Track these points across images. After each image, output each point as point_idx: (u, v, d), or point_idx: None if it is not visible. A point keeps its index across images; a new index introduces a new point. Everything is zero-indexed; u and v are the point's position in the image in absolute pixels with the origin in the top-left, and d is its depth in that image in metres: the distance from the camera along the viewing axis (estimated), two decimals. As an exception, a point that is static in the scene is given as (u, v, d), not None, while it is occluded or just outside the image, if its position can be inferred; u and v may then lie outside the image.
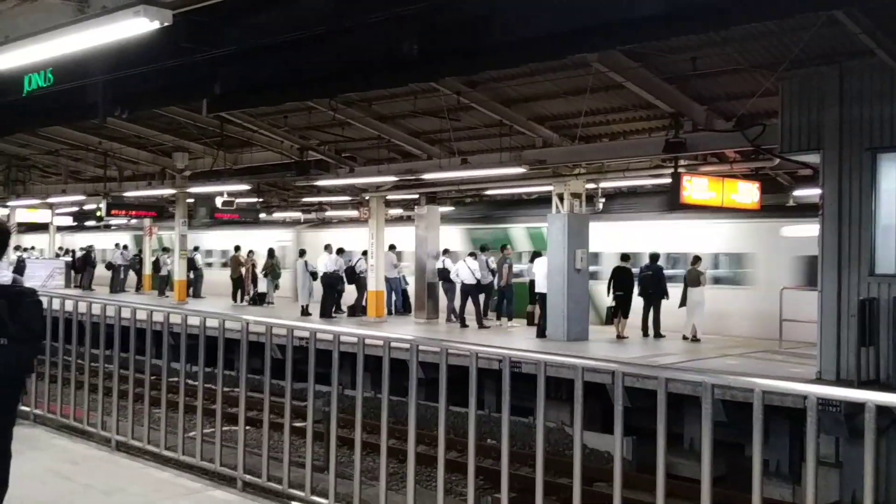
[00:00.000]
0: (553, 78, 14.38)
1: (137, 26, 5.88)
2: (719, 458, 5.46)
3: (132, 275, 32.31)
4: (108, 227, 36.66)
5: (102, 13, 5.99)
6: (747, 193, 16.04)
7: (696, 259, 18.08)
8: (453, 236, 23.92)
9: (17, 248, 32.54)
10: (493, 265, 20.57)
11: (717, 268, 20.02)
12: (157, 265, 29.96)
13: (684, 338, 17.58)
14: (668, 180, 15.88)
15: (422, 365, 6.03)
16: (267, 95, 12.81)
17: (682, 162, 15.76)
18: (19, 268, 28.65)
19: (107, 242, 35.83)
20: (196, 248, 30.13)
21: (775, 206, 19.48)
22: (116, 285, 31.28)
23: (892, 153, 11.79)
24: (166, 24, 5.74)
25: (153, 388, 9.03)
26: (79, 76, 10.36)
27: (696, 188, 14.83)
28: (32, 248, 40.89)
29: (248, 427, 7.23)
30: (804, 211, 17.28)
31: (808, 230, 16.73)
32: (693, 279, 17.66)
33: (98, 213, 26.16)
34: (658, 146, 14.83)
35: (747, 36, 11.62)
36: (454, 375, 5.57)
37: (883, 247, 11.81)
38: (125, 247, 33.18)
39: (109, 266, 32.10)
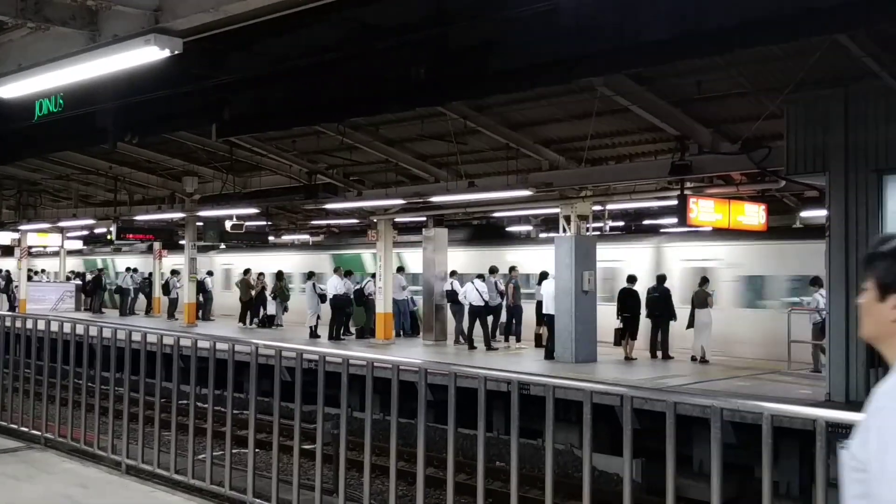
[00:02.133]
0: (559, 102, 14.48)
1: (148, 55, 5.96)
2: (729, 480, 5.48)
3: (142, 297, 32.44)
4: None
5: (114, 42, 6.08)
6: (754, 215, 16.08)
7: (704, 280, 18.10)
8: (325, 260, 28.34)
9: None
10: (502, 286, 20.61)
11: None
12: (166, 288, 30.08)
13: (693, 359, 17.56)
14: (675, 202, 15.93)
15: (430, 387, 6.08)
16: (276, 120, 12.97)
17: (688, 184, 15.81)
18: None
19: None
20: (210, 273, 30.26)
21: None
22: (126, 308, 31.40)
23: (899, 175, 11.84)
24: (177, 52, 5.83)
25: (163, 411, 9.08)
26: (89, 102, 10.50)
27: (702, 210, 14.88)
28: (43, 270, 41.10)
29: (257, 450, 7.28)
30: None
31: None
32: (700, 300, 17.67)
33: (108, 237, 26.31)
34: (664, 168, 14.89)
35: (752, 60, 11.70)
36: (463, 397, 5.62)
37: (890, 268, 11.81)
38: (135, 270, 33.33)
39: (119, 290, 32.25)
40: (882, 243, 2.09)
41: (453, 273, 21.92)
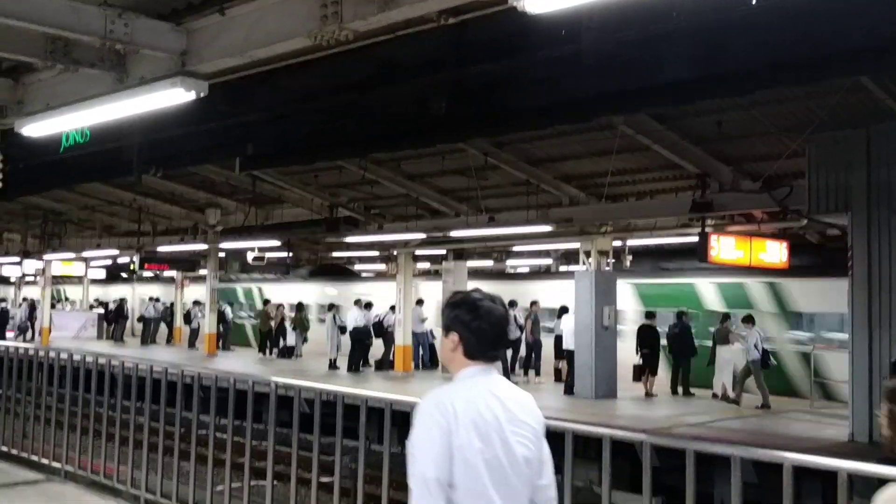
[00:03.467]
0: (579, 139, 14.56)
1: (175, 97, 6.08)
2: (749, 522, 5.44)
3: (163, 327, 32.65)
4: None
5: (140, 83, 6.21)
6: (775, 252, 16.01)
7: (726, 317, 17.99)
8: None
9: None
10: (521, 321, 20.57)
11: None
12: (188, 317, 30.27)
13: (714, 396, 17.41)
14: (696, 238, 15.91)
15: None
16: (298, 156, 13.12)
17: (709, 221, 15.78)
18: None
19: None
20: (231, 303, 30.46)
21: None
22: (148, 337, 31.60)
23: (920, 215, 11.78)
24: (203, 94, 5.94)
25: (182, 441, 9.12)
26: (115, 136, 10.68)
27: (723, 247, 14.84)
28: (67, 299, 41.56)
29: (275, 482, 7.30)
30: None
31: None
32: (722, 337, 17.55)
33: (132, 267, 26.56)
34: (685, 206, 14.89)
35: (772, 100, 11.74)
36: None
37: (913, 308, 11.73)
38: (157, 299, 33.58)
39: (141, 318, 32.47)
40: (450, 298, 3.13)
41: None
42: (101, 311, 35.70)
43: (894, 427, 2.38)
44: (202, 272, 29.06)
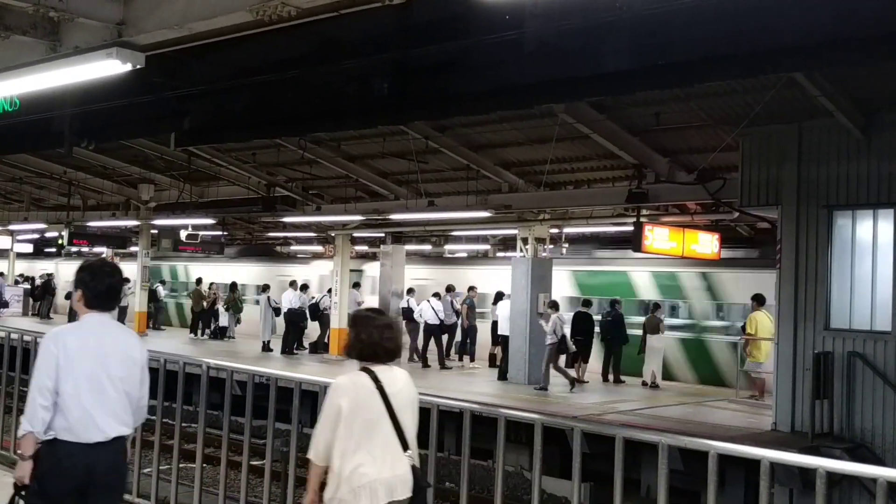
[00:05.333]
0: (520, 126, 14.61)
1: (109, 68, 5.90)
2: (675, 507, 5.56)
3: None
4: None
5: (74, 53, 6.01)
6: (707, 244, 16.33)
7: (656, 306, 18.33)
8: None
9: None
10: (458, 306, 20.64)
11: None
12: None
13: (644, 384, 17.73)
14: (630, 227, 16.14)
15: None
16: (236, 132, 12.88)
17: (644, 211, 16.02)
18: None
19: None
20: (163, 281, 29.91)
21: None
22: (75, 315, 30.82)
23: (848, 211, 12.11)
24: (139, 66, 5.78)
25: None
26: (46, 107, 10.34)
27: (657, 237, 15.08)
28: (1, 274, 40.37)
29: (204, 465, 7.19)
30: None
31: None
32: (652, 326, 17.87)
33: (60, 242, 25.89)
34: (621, 195, 15.09)
35: (710, 93, 11.93)
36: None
37: (837, 302, 12.07)
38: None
39: (69, 296, 31.65)
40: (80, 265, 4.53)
41: (410, 291, 21.91)
42: (27, 286, 34.73)
43: None
44: (133, 249, 28.47)
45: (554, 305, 17.17)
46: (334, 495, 3.92)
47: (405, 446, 4.01)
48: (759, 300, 15.73)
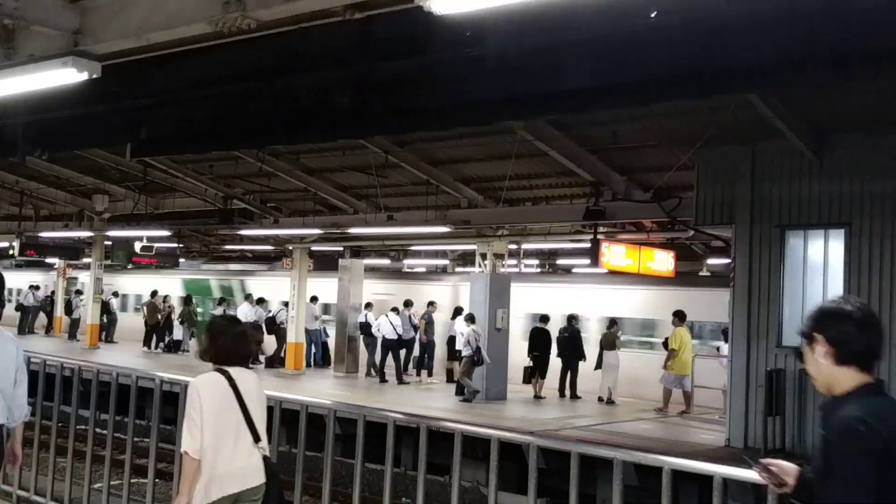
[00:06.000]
0: (480, 142, 14.67)
1: (65, 76, 5.82)
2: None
3: (42, 316, 31.31)
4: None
5: (29, 61, 5.93)
6: (663, 262, 16.54)
7: (612, 323, 18.47)
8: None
9: None
10: (416, 321, 20.62)
11: None
12: (69, 307, 29.13)
13: (600, 399, 17.83)
14: (588, 245, 16.29)
15: (339, 420, 6.03)
16: (193, 144, 12.75)
17: (601, 228, 16.17)
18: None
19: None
20: (115, 294, 29.46)
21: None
22: (25, 326, 30.24)
23: (799, 230, 12.35)
24: (95, 76, 5.71)
25: (59, 436, 8.76)
26: (-1, 115, 10.16)
27: (614, 254, 15.24)
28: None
29: (157, 480, 7.08)
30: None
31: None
32: (609, 342, 18.01)
33: (10, 252, 25.42)
34: (579, 213, 15.21)
35: (666, 113, 12.07)
36: (371, 429, 5.60)
37: (790, 319, 12.27)
38: (37, 287, 32.17)
39: (20, 307, 31.06)
40: None
41: (368, 305, 21.84)
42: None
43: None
44: (86, 260, 28.03)
45: (470, 318, 17.42)
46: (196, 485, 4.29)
47: (257, 438, 4.45)
48: (680, 316, 16.06)
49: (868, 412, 2.58)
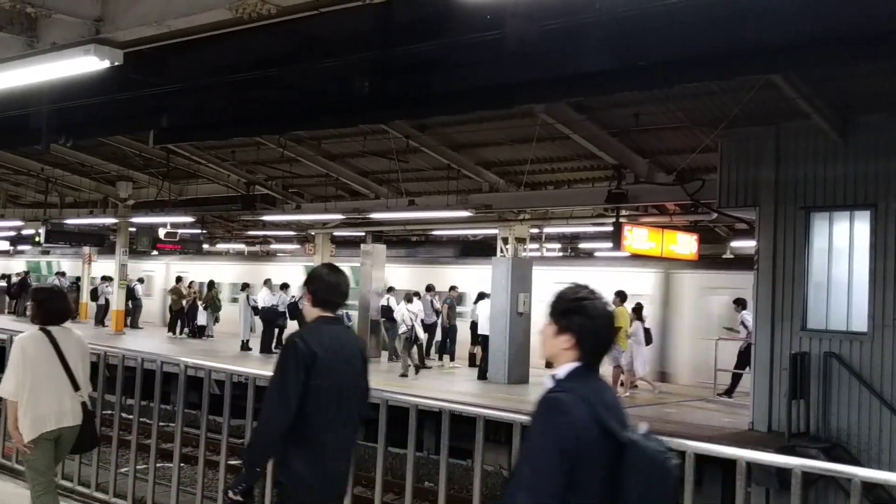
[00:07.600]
0: (501, 126, 14.63)
1: (87, 64, 5.85)
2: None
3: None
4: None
5: (52, 49, 5.96)
6: (686, 245, 16.43)
7: (639, 307, 18.36)
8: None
9: None
10: (438, 305, 20.64)
11: None
12: (95, 294, 29.39)
13: (621, 384, 17.75)
14: (610, 228, 16.21)
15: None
16: (215, 130, 12.83)
17: (623, 211, 16.08)
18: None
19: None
20: (140, 280, 29.68)
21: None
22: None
23: (825, 212, 12.20)
24: (117, 63, 5.73)
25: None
26: (23, 103, 10.26)
27: (636, 238, 15.15)
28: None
29: (182, 464, 7.15)
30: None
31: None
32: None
33: (36, 239, 25.68)
34: (601, 196, 15.13)
35: (689, 94, 11.99)
36: (393, 414, 5.62)
37: (814, 302, 12.16)
38: (63, 274, 32.49)
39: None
40: None
41: (390, 289, 21.87)
42: (3, 284, 34.40)
43: None
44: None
45: (408, 299, 18.66)
46: (21, 423, 5.20)
47: (76, 387, 5.34)
48: (621, 296, 15.96)
49: None
